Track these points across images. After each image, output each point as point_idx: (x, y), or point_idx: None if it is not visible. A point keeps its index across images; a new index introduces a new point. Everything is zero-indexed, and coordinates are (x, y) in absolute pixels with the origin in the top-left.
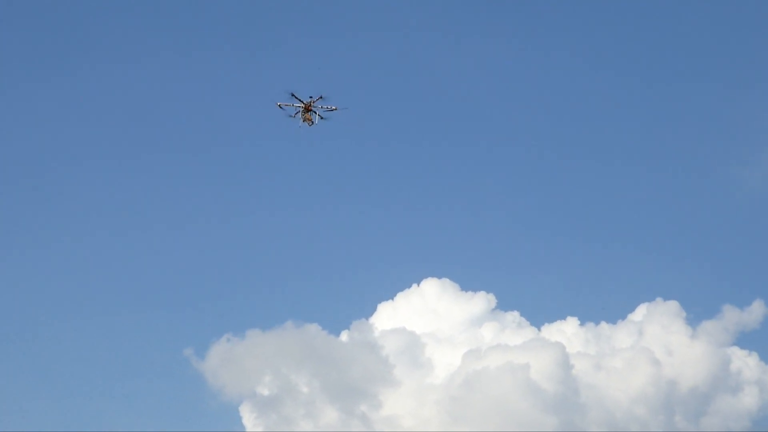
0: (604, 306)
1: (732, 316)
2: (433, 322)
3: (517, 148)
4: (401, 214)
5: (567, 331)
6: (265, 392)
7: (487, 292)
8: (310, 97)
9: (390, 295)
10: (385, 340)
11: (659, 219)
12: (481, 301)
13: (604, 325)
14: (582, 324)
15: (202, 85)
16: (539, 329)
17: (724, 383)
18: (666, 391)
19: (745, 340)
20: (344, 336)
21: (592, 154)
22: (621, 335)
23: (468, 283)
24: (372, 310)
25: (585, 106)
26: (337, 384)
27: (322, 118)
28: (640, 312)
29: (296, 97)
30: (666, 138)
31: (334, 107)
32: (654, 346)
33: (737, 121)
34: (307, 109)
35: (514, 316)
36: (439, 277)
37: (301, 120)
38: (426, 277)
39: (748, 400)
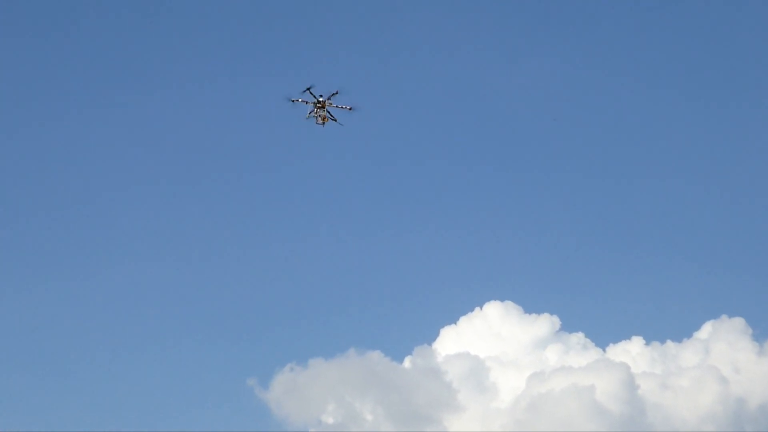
0: (669, 324)
1: None
2: (497, 345)
3: (575, 172)
4: (462, 237)
5: (632, 351)
6: (330, 420)
7: (551, 314)
8: (321, 95)
9: (453, 319)
10: (449, 365)
11: (721, 235)
12: (544, 323)
13: (669, 343)
14: (647, 343)
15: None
16: (604, 350)
17: None
18: (734, 410)
19: None
20: (407, 362)
21: (649, 175)
22: (687, 354)
23: (531, 306)
24: (435, 335)
25: (639, 126)
26: (401, 410)
27: (335, 120)
28: (706, 330)
29: (311, 93)
30: (724, 154)
31: (349, 107)
32: (721, 363)
33: None
34: (322, 106)
35: (578, 337)
36: (502, 299)
37: (315, 119)
38: (489, 300)
39: None
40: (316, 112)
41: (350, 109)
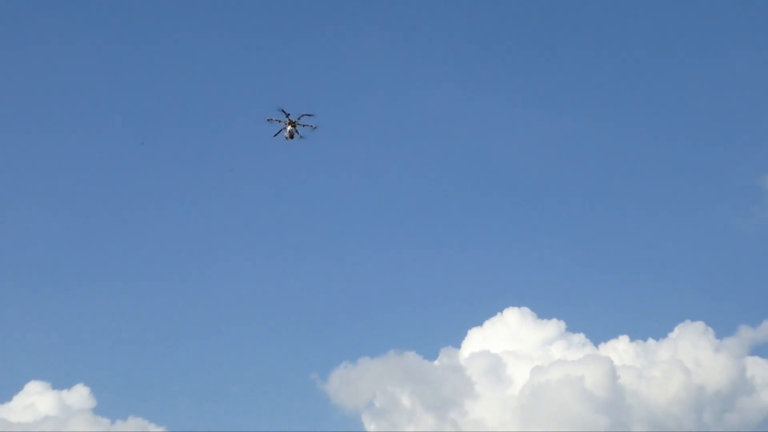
0: (649, 326)
1: (747, 333)
2: (512, 344)
3: (575, 200)
4: (488, 252)
5: (619, 348)
6: (377, 405)
7: (558, 318)
8: (288, 115)
9: (479, 322)
10: (470, 362)
11: (690, 259)
12: (553, 326)
13: (650, 341)
14: (632, 341)
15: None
16: (597, 347)
17: (742, 387)
18: (696, 395)
19: (759, 351)
20: (437, 361)
21: (633, 204)
22: (660, 350)
23: (542, 311)
24: (464, 335)
25: (615, 155)
26: (431, 398)
27: (301, 137)
28: (676, 331)
29: (284, 113)
30: (682, 190)
31: (314, 126)
32: (685, 358)
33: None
34: (292, 124)
35: (579, 337)
36: (519, 306)
37: (288, 136)
38: (508, 306)
39: (763, 399)
40: (287, 128)
41: (314, 127)
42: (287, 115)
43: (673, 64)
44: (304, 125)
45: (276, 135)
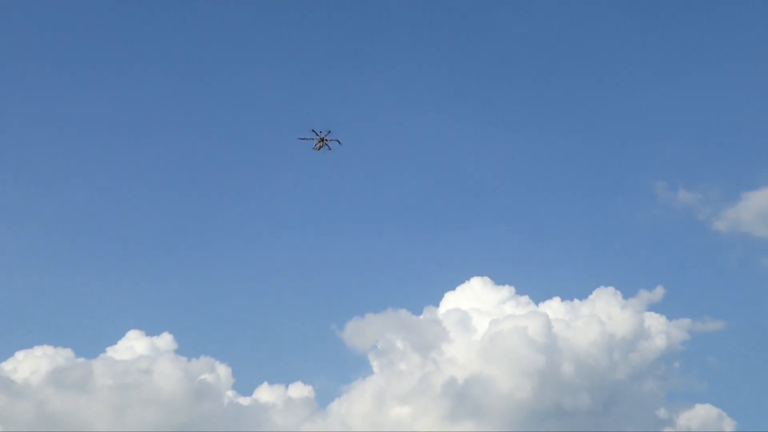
0: (573, 290)
1: (645, 295)
2: (476, 303)
3: (523, 197)
4: (459, 237)
5: (553, 306)
6: (379, 347)
7: (510, 284)
8: (319, 133)
9: (452, 287)
10: (446, 316)
11: (604, 242)
12: (506, 290)
13: (576, 301)
14: (562, 301)
15: None
16: (537, 305)
17: (641, 334)
18: (608, 340)
19: (653, 308)
20: (422, 316)
21: (564, 200)
22: (583, 307)
23: (498, 279)
24: (441, 297)
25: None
26: (417, 342)
27: (330, 148)
28: (595, 294)
29: (315, 132)
30: (600, 192)
31: (339, 141)
32: (601, 313)
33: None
34: (322, 140)
35: (525, 298)
36: (481, 275)
37: (317, 148)
38: (473, 275)
39: (657, 342)
40: (318, 143)
41: (339, 142)
42: (317, 134)
43: (594, 94)
44: (331, 140)
45: (301, 140)
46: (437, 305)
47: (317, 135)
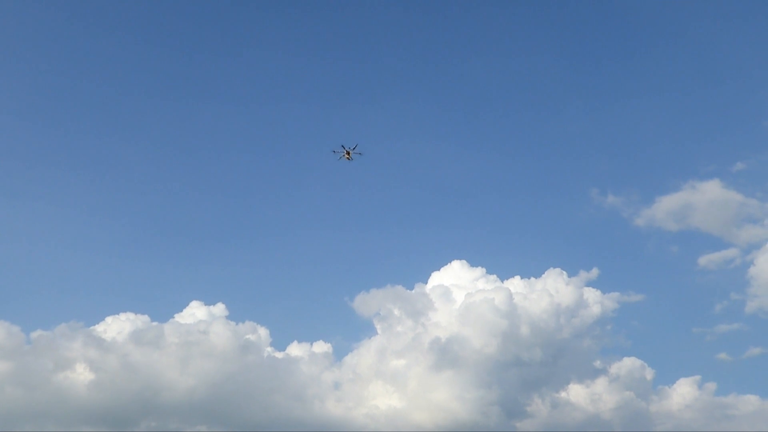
0: (524, 270)
1: (583, 275)
2: (456, 280)
3: (492, 199)
4: (443, 230)
5: (515, 282)
6: (381, 313)
7: (482, 266)
8: (345, 146)
9: (438, 268)
10: (432, 291)
11: (553, 233)
12: (479, 270)
13: (532, 279)
14: (522, 279)
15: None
16: (503, 282)
17: (581, 304)
18: (556, 308)
19: (590, 284)
20: (414, 290)
21: (524, 202)
22: (537, 284)
23: (473, 261)
24: (429, 275)
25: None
26: (411, 310)
27: (350, 159)
28: (546, 273)
29: (343, 147)
30: (549, 194)
31: (361, 153)
32: (551, 288)
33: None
34: (348, 153)
35: (493, 277)
36: (460, 259)
37: (345, 158)
38: (454, 259)
39: (593, 310)
40: (345, 155)
41: (361, 153)
42: (344, 148)
43: (545, 123)
44: (355, 152)
45: (333, 152)
46: (426, 282)
47: (344, 149)
